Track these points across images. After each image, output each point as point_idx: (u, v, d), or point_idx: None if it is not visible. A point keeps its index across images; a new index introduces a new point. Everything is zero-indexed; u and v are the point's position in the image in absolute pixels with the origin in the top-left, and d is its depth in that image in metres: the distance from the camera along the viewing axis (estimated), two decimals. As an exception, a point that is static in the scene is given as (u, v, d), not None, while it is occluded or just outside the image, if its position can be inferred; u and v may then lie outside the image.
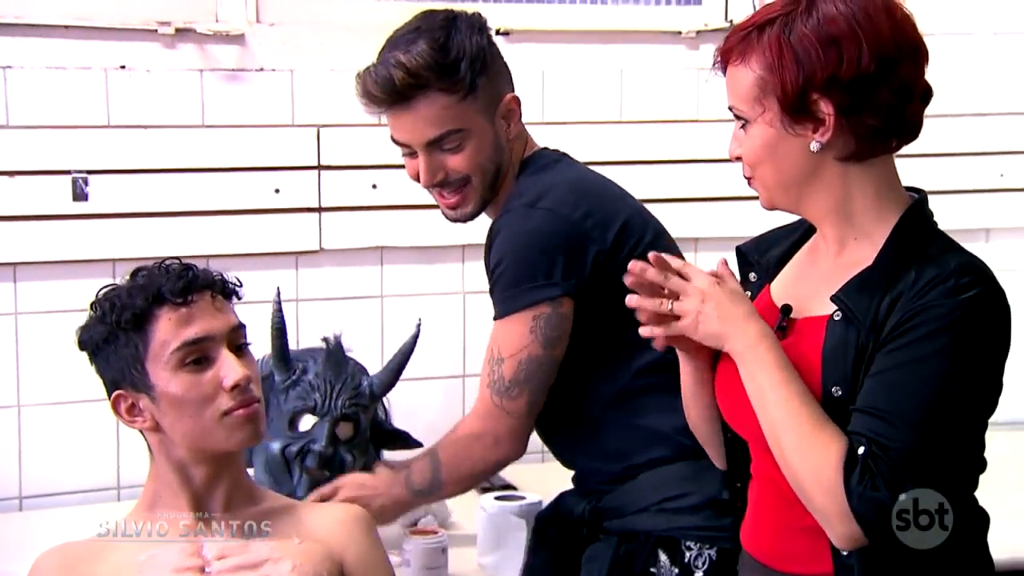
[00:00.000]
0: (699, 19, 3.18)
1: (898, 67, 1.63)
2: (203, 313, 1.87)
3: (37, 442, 2.82)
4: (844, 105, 1.62)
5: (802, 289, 1.73)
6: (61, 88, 2.79)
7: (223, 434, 1.86)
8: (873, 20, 1.62)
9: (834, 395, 1.62)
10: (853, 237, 1.70)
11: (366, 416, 2.43)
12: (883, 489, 1.53)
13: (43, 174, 2.77)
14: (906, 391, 1.56)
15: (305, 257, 2.95)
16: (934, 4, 3.28)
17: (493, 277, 2.17)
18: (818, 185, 1.68)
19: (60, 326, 2.78)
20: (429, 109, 2.11)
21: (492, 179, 2.18)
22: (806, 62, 1.61)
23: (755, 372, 1.63)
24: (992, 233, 3.35)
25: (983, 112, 3.34)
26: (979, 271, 1.62)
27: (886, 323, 1.59)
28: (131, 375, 1.86)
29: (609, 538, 2.13)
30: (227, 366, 1.85)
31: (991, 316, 1.61)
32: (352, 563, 1.93)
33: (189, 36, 2.86)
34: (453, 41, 2.10)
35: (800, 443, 1.59)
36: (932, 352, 1.56)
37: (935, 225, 1.72)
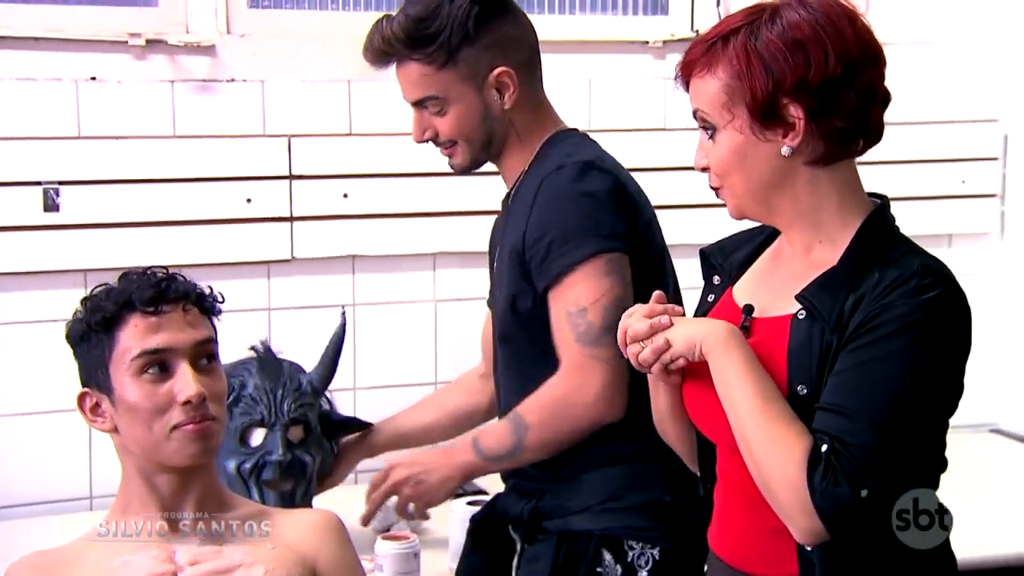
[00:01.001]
0: (666, 29, 3.19)
1: (862, 71, 1.65)
2: (171, 324, 1.86)
3: (8, 452, 2.81)
4: (813, 108, 1.63)
5: (765, 290, 1.75)
6: (32, 99, 2.79)
7: (172, 448, 1.85)
8: (836, 26, 1.64)
9: (800, 393, 1.63)
10: (818, 241, 1.71)
11: (313, 414, 2.44)
12: (845, 485, 1.55)
13: (14, 185, 2.76)
14: (868, 389, 1.58)
15: (277, 266, 2.95)
16: (898, 14, 3.32)
17: (546, 237, 2.10)
18: (787, 190, 1.69)
19: (31, 337, 2.80)
20: (408, 74, 2.18)
21: (481, 144, 2.20)
22: (775, 68, 1.63)
23: (724, 367, 1.64)
24: (955, 238, 3.37)
25: (945, 120, 3.37)
26: (940, 273, 1.63)
27: (850, 322, 1.61)
28: (96, 376, 1.86)
29: (549, 538, 2.13)
30: (182, 381, 1.84)
31: (952, 316, 1.62)
32: (324, 567, 1.94)
33: (160, 47, 2.86)
34: (441, 11, 2.12)
35: (766, 439, 1.61)
36: (894, 351, 1.58)
37: (897, 229, 1.74)
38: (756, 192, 1.70)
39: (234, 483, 2.35)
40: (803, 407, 1.62)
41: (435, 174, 3.00)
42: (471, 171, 2.27)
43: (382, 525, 2.57)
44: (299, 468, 2.40)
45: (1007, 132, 3.40)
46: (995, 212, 3.42)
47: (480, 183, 2.98)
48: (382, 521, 2.58)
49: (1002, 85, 3.39)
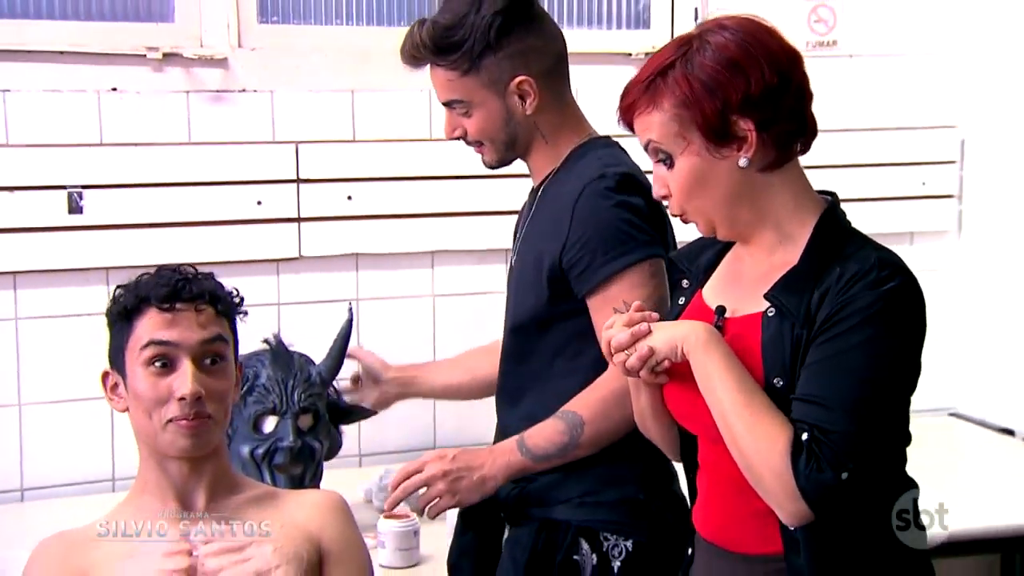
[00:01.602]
0: (647, 41, 3.18)
1: (792, 75, 1.66)
2: (182, 322, 1.85)
3: (37, 438, 2.80)
4: (760, 120, 1.63)
5: (734, 291, 1.74)
6: (57, 109, 2.78)
7: (167, 439, 1.84)
8: (760, 39, 1.65)
9: (776, 385, 1.62)
10: (779, 241, 1.70)
11: (322, 403, 2.44)
12: (827, 470, 1.55)
13: (40, 189, 2.75)
14: (839, 379, 1.58)
15: (285, 264, 2.94)
16: (864, 28, 3.32)
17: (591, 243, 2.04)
18: (748, 199, 1.68)
19: (57, 330, 2.79)
20: (436, 77, 2.14)
21: (505, 145, 2.16)
22: (719, 89, 1.62)
23: (705, 366, 1.64)
24: (916, 236, 3.37)
25: (908, 126, 3.37)
26: (896, 264, 1.63)
27: (817, 316, 1.60)
28: (117, 359, 1.86)
29: (530, 523, 2.11)
30: (181, 378, 1.82)
31: (910, 304, 1.62)
32: (329, 544, 1.93)
33: (176, 60, 2.85)
34: (465, 22, 2.08)
35: (749, 431, 1.60)
36: (860, 341, 1.58)
37: (849, 224, 1.73)
38: (721, 207, 1.69)
39: (247, 467, 2.35)
40: (780, 398, 1.62)
41: (434, 177, 3.01)
42: (500, 167, 2.22)
43: (383, 505, 2.56)
44: (308, 453, 2.40)
45: (964, 137, 3.40)
46: (953, 212, 3.41)
47: (476, 186, 2.99)
48: (383, 501, 2.58)
49: (960, 94, 3.39)
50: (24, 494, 2.80)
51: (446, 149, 2.98)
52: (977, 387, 3.36)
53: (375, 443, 2.97)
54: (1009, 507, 2.78)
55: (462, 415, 2.95)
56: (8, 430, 2.78)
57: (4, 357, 2.77)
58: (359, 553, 1.97)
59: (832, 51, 3.30)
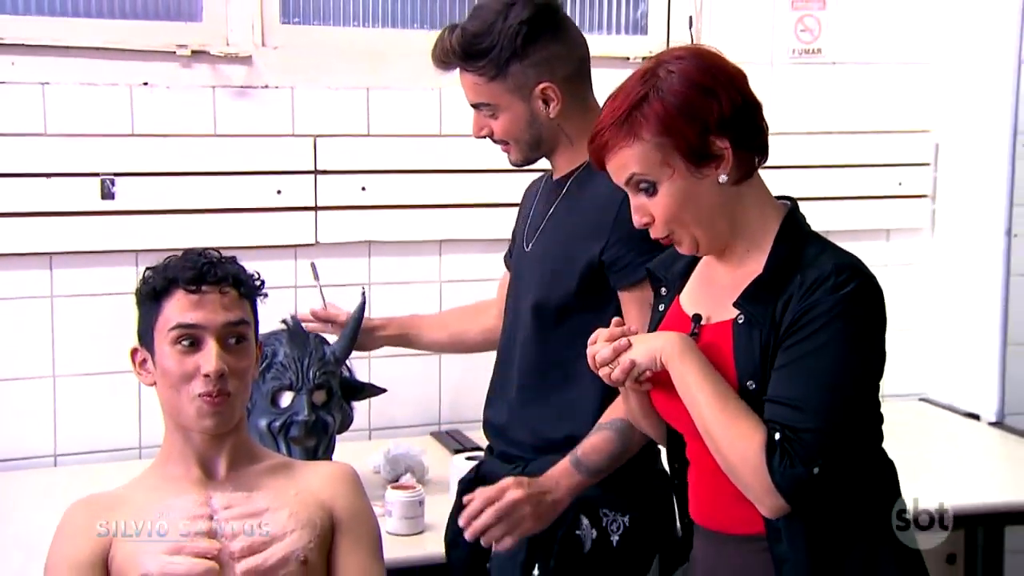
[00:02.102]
0: (644, 46, 3.18)
1: (748, 93, 1.66)
2: (208, 303, 1.85)
3: (69, 408, 2.81)
4: (734, 137, 1.64)
5: (709, 299, 1.74)
6: (92, 101, 2.78)
7: (192, 414, 1.84)
8: (716, 64, 1.66)
9: (749, 388, 1.63)
10: (747, 250, 1.70)
11: (335, 380, 2.44)
12: (799, 466, 1.56)
13: (75, 176, 2.76)
14: (806, 380, 1.58)
15: (303, 249, 2.94)
16: (846, 39, 3.31)
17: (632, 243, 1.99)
18: (727, 212, 1.68)
19: (90, 308, 2.80)
20: (465, 81, 2.11)
21: (530, 146, 2.13)
22: (697, 113, 1.62)
23: (684, 374, 1.65)
24: (892, 233, 3.36)
25: (885, 130, 3.36)
26: (852, 267, 1.63)
27: (782, 322, 1.61)
28: (146, 336, 1.87)
29: None
30: (207, 356, 1.83)
31: (867, 303, 1.62)
32: (341, 512, 1.93)
33: (203, 57, 2.85)
34: (493, 29, 2.05)
35: (726, 433, 1.61)
36: (823, 343, 1.58)
37: (808, 227, 1.73)
38: (705, 223, 1.68)
39: (264, 438, 2.35)
40: (754, 400, 1.62)
41: (442, 171, 3.01)
42: (525, 166, 2.20)
43: (391, 476, 2.57)
44: (322, 427, 2.40)
45: (938, 141, 3.39)
46: (927, 211, 3.41)
47: (482, 180, 2.99)
48: (391, 472, 2.59)
49: (934, 101, 3.38)
50: (57, 459, 2.81)
51: (455, 145, 3.01)
52: (946, 374, 3.36)
53: (383, 419, 2.97)
54: (973, 486, 2.79)
55: (464, 394, 2.96)
56: (43, 400, 2.79)
57: (40, 332, 2.78)
58: (368, 520, 1.98)
59: (816, 58, 3.29)
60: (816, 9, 3.30)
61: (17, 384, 2.77)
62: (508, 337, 2.23)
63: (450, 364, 3.03)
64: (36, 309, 2.77)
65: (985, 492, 2.75)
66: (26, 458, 2.77)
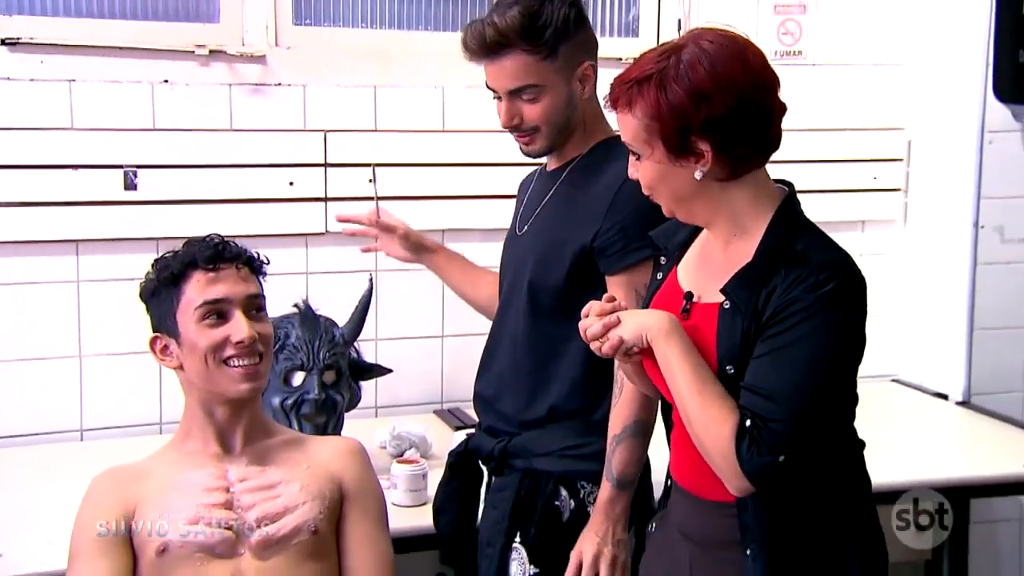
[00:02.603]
0: (636, 48, 3.15)
1: (753, 103, 1.61)
2: (227, 279, 1.86)
3: (94, 385, 2.81)
4: (718, 142, 1.60)
5: (700, 277, 1.73)
6: (116, 98, 2.76)
7: (226, 382, 1.85)
8: (729, 69, 1.60)
9: (728, 372, 1.62)
10: (735, 233, 1.68)
11: (344, 361, 2.44)
12: (766, 454, 1.55)
13: (100, 167, 2.75)
14: (780, 372, 1.57)
15: (313, 238, 2.94)
16: (825, 41, 3.31)
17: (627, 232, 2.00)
18: (703, 200, 1.67)
19: (114, 292, 2.79)
20: (513, 64, 2.03)
21: (560, 130, 2.09)
22: (683, 115, 1.59)
23: (667, 355, 1.64)
24: (867, 224, 3.36)
25: (861, 128, 3.36)
26: (834, 266, 1.60)
27: (764, 312, 1.59)
28: (166, 323, 1.86)
29: (514, 473, 2.09)
30: (236, 326, 1.84)
31: (846, 301, 1.60)
32: (349, 484, 1.94)
33: (220, 57, 2.83)
34: (544, 10, 2.02)
35: (701, 415, 1.61)
36: (799, 338, 1.57)
37: (802, 214, 1.71)
38: (678, 202, 1.68)
39: (278, 415, 2.35)
40: (732, 383, 1.62)
41: (445, 164, 3.00)
42: (542, 155, 2.15)
43: (396, 451, 2.57)
44: (331, 405, 2.40)
45: (910, 138, 3.38)
46: (900, 203, 3.40)
47: (482, 173, 2.98)
48: (396, 448, 2.59)
49: (907, 100, 3.37)
50: (83, 434, 2.80)
51: (457, 140, 3.00)
52: (916, 357, 3.36)
53: (389, 397, 2.97)
54: (941, 461, 2.80)
55: (464, 375, 2.95)
56: (70, 378, 2.79)
57: (67, 314, 2.77)
58: (375, 492, 1.98)
59: (798, 60, 3.29)
60: (797, 13, 3.29)
61: (46, 363, 2.77)
62: (501, 315, 2.22)
63: (451, 346, 3.03)
64: (63, 293, 2.77)
65: (952, 467, 2.76)
66: (54, 432, 2.77)
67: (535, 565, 2.03)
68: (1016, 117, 3.18)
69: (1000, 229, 3.22)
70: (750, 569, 1.63)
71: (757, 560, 1.63)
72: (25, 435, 2.75)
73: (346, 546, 1.90)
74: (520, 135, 2.11)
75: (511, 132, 2.12)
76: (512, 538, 2.05)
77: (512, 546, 2.05)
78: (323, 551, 1.87)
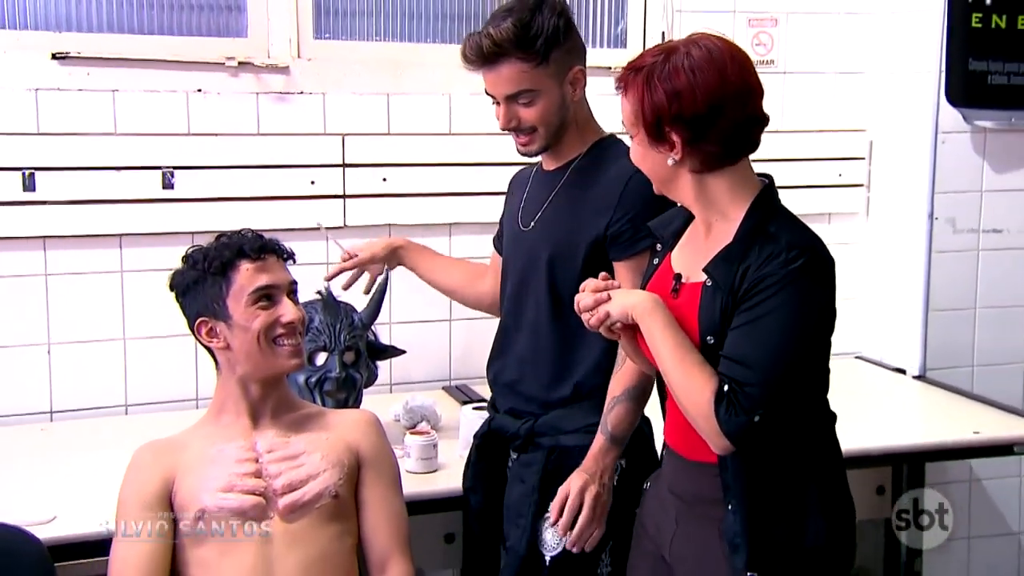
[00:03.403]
0: (624, 58, 3.13)
1: (724, 110, 1.63)
2: (273, 268, 1.88)
3: (137, 365, 2.80)
4: (687, 137, 1.63)
5: (688, 260, 1.74)
6: (154, 105, 2.76)
7: (274, 358, 1.86)
8: (707, 77, 1.62)
9: (708, 342, 1.63)
10: (715, 219, 1.70)
11: (362, 342, 2.44)
12: (742, 415, 1.57)
13: (140, 169, 2.74)
14: (753, 341, 1.58)
15: (333, 232, 2.90)
16: (795, 51, 3.29)
17: (636, 221, 1.98)
18: (679, 185, 1.70)
19: (154, 281, 2.77)
20: (509, 71, 2.00)
21: (555, 130, 2.07)
22: (660, 105, 1.63)
23: (651, 329, 1.66)
24: (832, 217, 3.35)
25: (828, 129, 3.34)
26: (803, 246, 1.62)
27: (740, 287, 1.61)
28: (214, 308, 1.86)
29: (540, 450, 2.07)
30: (287, 308, 1.86)
31: (814, 276, 1.61)
32: (366, 452, 1.94)
33: (248, 68, 2.82)
34: (535, 21, 2.00)
35: (684, 382, 1.62)
36: (770, 310, 1.58)
37: (779, 202, 1.72)
38: (659, 182, 1.72)
39: (302, 392, 2.35)
40: (711, 353, 1.63)
41: (452, 164, 2.99)
42: (539, 154, 2.12)
43: (409, 424, 2.57)
44: (351, 382, 2.40)
45: (872, 139, 3.37)
46: (862, 198, 3.39)
47: (486, 172, 2.97)
48: (409, 420, 2.58)
49: (869, 104, 3.36)
50: (128, 409, 2.80)
51: (462, 142, 2.99)
52: (877, 336, 3.36)
53: (403, 375, 2.97)
54: (899, 430, 2.79)
55: (470, 355, 2.96)
56: (115, 359, 2.79)
57: (112, 302, 2.77)
58: (389, 460, 1.99)
59: (770, 68, 3.27)
60: (770, 26, 3.28)
61: (94, 345, 2.77)
62: (514, 305, 2.17)
63: (459, 329, 3.03)
64: (109, 282, 2.76)
65: (909, 434, 2.76)
66: (102, 407, 2.77)
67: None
68: (966, 119, 3.17)
69: (952, 221, 3.21)
70: (730, 521, 1.65)
71: (736, 513, 1.64)
72: (76, 410, 2.75)
73: (364, 508, 1.91)
74: (518, 136, 2.09)
75: (510, 133, 2.11)
76: (544, 508, 2.01)
77: (544, 516, 2.01)
78: (343, 513, 1.87)
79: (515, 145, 2.13)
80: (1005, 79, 3.14)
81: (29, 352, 2.72)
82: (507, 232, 2.25)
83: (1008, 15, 3.10)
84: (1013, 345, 3.27)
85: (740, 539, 1.64)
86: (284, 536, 1.80)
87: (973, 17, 3.09)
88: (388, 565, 1.90)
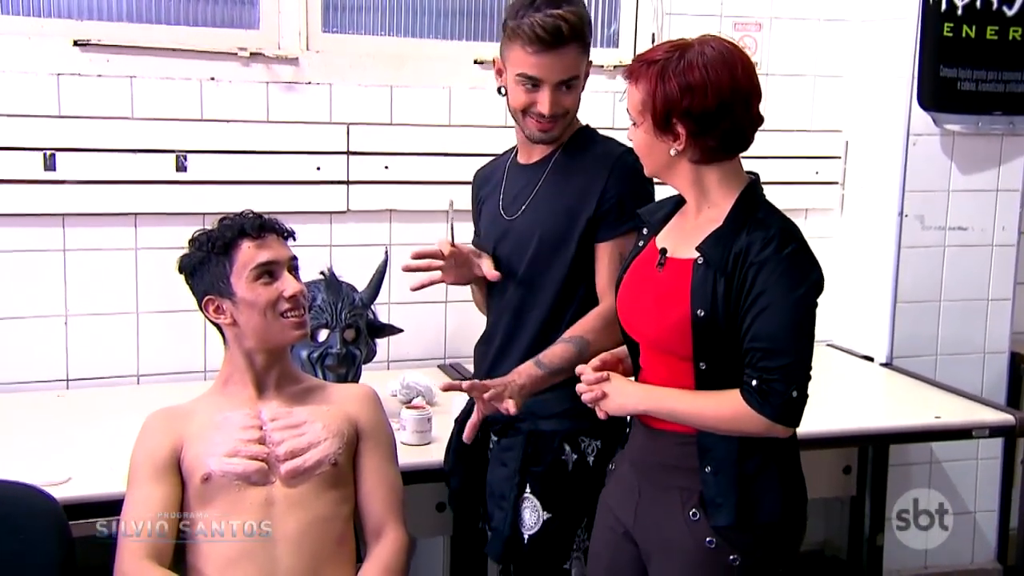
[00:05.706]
0: (615, 57, 3.16)
1: (732, 109, 1.65)
2: (272, 245, 1.88)
3: (149, 337, 2.81)
4: (693, 130, 1.65)
5: (676, 237, 1.76)
6: (169, 93, 2.75)
7: (280, 330, 1.86)
8: (719, 74, 1.64)
9: (699, 315, 1.65)
10: (707, 205, 1.72)
11: (362, 321, 2.44)
12: (777, 396, 1.61)
13: (155, 152, 2.73)
14: (772, 328, 1.61)
15: (337, 215, 2.93)
16: (778, 55, 3.29)
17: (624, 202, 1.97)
18: (676, 172, 1.72)
19: (166, 258, 2.75)
20: (571, 56, 1.96)
21: (571, 119, 2.06)
22: (671, 98, 1.64)
23: (657, 410, 1.71)
24: (809, 212, 3.36)
25: (806, 129, 3.35)
26: (791, 233, 1.67)
27: (733, 269, 1.63)
28: (219, 286, 1.87)
29: (520, 434, 2.03)
30: (288, 282, 1.86)
31: (806, 261, 1.66)
32: (364, 424, 1.95)
33: (259, 58, 2.82)
34: (584, 9, 2.01)
35: (714, 413, 1.66)
36: (779, 294, 1.61)
37: (764, 196, 1.75)
38: (656, 170, 1.74)
39: (305, 366, 2.35)
40: (699, 323, 1.64)
41: (451, 154, 2.99)
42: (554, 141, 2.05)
43: (405, 399, 2.57)
44: (351, 358, 2.41)
45: (847, 139, 3.38)
46: (837, 195, 3.40)
47: (482, 162, 2.96)
48: (405, 396, 2.59)
49: (845, 107, 3.36)
50: (139, 379, 2.81)
51: (461, 133, 2.99)
52: (848, 325, 3.37)
53: (400, 352, 2.97)
54: (866, 413, 2.81)
55: (463, 335, 2.95)
56: (128, 331, 2.79)
57: (126, 278, 2.77)
58: (386, 431, 1.99)
59: (753, 70, 3.27)
60: (754, 31, 3.28)
61: (107, 318, 2.77)
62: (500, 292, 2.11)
63: (453, 310, 3.03)
64: (123, 259, 2.76)
65: (875, 418, 2.78)
66: (115, 376, 2.77)
67: (547, 511, 2.02)
68: (936, 123, 3.17)
69: (921, 218, 3.22)
70: (711, 482, 1.68)
71: (718, 473, 1.68)
72: (91, 378, 2.75)
73: (361, 476, 1.92)
74: (544, 121, 2.00)
75: (532, 117, 2.00)
76: (523, 490, 2.02)
77: (524, 496, 2.02)
78: (342, 480, 1.88)
79: (529, 129, 2.02)
80: (973, 85, 3.15)
81: (47, 323, 2.72)
82: (488, 225, 2.18)
83: (977, 25, 3.11)
84: (974, 336, 3.29)
85: (723, 499, 1.66)
86: (285, 500, 1.81)
87: (945, 26, 3.09)
88: (383, 531, 1.90)
